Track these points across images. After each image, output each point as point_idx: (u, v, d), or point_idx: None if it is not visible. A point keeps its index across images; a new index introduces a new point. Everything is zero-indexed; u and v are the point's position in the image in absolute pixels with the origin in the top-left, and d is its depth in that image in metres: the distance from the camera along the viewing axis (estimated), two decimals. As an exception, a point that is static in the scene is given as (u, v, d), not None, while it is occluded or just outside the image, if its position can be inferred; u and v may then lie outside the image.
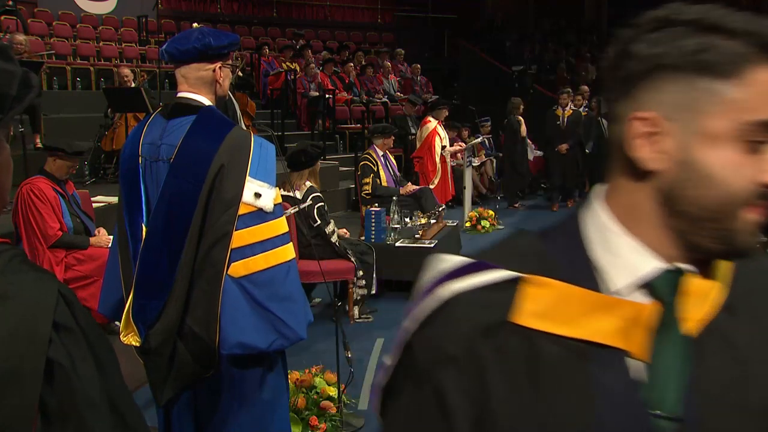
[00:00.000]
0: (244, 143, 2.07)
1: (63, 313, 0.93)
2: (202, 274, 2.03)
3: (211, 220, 2.02)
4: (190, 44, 2.12)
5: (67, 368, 0.91)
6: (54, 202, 4.20)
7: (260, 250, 2.05)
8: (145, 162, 2.16)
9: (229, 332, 2.02)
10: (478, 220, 7.87)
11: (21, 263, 0.95)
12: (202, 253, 2.02)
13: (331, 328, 3.26)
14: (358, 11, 17.11)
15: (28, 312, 0.90)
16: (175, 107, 2.18)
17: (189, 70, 2.15)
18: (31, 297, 0.91)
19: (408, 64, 13.39)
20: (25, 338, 0.89)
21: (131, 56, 11.38)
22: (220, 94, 2.21)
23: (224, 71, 2.19)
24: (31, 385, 0.88)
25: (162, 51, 2.22)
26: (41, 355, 0.89)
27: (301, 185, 4.85)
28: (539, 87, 13.31)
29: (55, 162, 4.31)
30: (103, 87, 9.07)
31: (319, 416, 3.37)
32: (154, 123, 2.19)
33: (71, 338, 0.93)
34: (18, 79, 1.00)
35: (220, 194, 2.01)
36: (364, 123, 10.63)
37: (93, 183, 7.29)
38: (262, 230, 2.06)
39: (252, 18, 15.19)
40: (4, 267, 0.92)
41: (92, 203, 5.08)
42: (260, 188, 2.04)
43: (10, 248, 0.96)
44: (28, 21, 10.56)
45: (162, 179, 2.10)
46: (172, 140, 2.10)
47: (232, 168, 2.03)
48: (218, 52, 2.15)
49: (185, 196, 2.02)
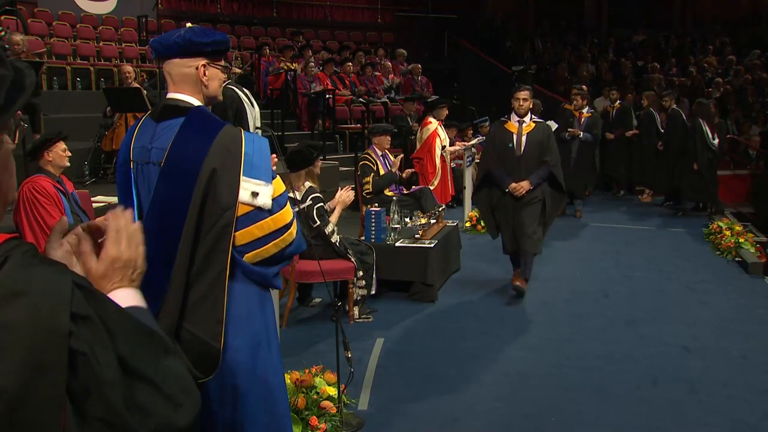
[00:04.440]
0: (236, 143, 2.04)
1: (79, 303, 0.95)
2: (202, 277, 2.01)
3: (208, 225, 2.00)
4: (172, 39, 2.12)
5: (88, 356, 0.93)
6: (56, 197, 4.19)
7: (271, 240, 2.07)
8: (136, 166, 2.13)
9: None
10: (478, 220, 7.87)
11: (33, 258, 0.97)
12: (200, 257, 2.00)
13: (331, 328, 3.26)
14: (358, 11, 17.10)
15: (45, 306, 0.92)
16: (165, 109, 2.15)
17: (171, 66, 2.14)
18: (46, 291, 0.93)
19: (408, 64, 13.38)
20: (47, 332, 0.91)
21: (131, 56, 11.37)
22: (208, 94, 2.17)
23: (210, 71, 2.15)
24: (58, 377, 0.91)
25: (149, 46, 2.22)
26: (64, 347, 0.92)
27: (300, 186, 4.85)
28: (539, 87, 13.31)
29: (50, 153, 4.28)
30: (103, 87, 9.07)
31: (319, 416, 3.37)
32: (145, 126, 2.17)
33: (90, 327, 0.95)
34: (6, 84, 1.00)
35: (216, 198, 1.99)
36: (364, 123, 10.62)
37: (93, 183, 7.30)
38: (268, 224, 2.06)
39: (252, 18, 15.19)
40: (18, 262, 0.94)
41: (92, 203, 5.07)
42: (256, 187, 2.02)
43: (21, 243, 0.98)
44: (28, 21, 10.56)
45: (153, 183, 2.07)
46: (161, 143, 2.07)
47: (225, 170, 2.00)
48: (199, 49, 2.12)
49: (177, 200, 2.00)
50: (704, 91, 12.76)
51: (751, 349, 4.73)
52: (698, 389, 4.08)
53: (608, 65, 14.61)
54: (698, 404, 3.90)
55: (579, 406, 3.83)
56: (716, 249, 7.53)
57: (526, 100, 5.68)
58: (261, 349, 2.15)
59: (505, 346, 4.72)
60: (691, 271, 6.80)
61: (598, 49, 16.08)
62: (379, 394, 3.93)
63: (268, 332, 2.19)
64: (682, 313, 5.51)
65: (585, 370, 4.32)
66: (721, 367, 4.43)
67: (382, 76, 12.62)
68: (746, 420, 3.72)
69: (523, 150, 5.59)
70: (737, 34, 16.13)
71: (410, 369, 4.30)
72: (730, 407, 3.86)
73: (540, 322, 5.27)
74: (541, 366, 4.41)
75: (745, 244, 7.37)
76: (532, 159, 5.58)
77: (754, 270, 6.78)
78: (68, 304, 0.94)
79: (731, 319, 5.39)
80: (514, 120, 5.72)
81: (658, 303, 5.75)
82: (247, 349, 2.11)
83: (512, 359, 4.51)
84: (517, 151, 5.61)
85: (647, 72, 13.63)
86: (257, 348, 2.14)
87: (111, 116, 7.66)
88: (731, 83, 13.18)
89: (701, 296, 6.00)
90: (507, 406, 3.84)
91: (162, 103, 2.20)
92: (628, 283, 6.32)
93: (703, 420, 3.71)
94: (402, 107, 10.71)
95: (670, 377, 4.24)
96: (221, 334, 2.02)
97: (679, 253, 7.47)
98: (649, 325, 5.19)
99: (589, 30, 17.54)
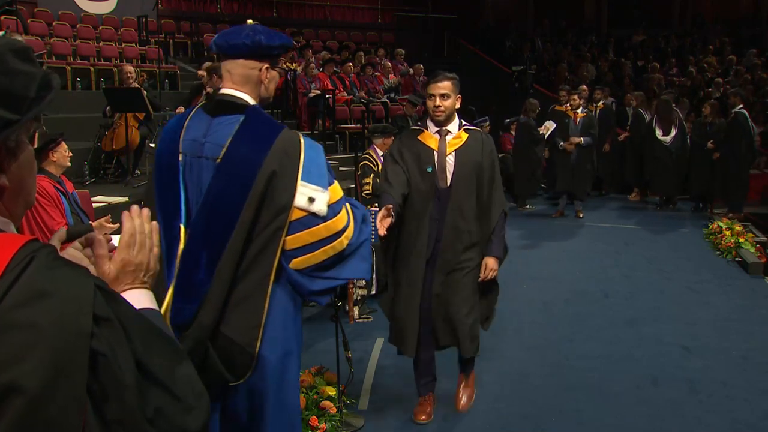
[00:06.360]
0: (294, 147, 2.01)
1: (101, 306, 0.97)
2: (247, 278, 1.99)
3: (261, 226, 1.98)
4: (240, 39, 2.07)
5: (108, 357, 0.95)
6: (57, 198, 4.19)
7: (320, 246, 2.03)
8: (185, 159, 2.06)
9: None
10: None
11: (56, 260, 0.98)
12: (248, 257, 1.98)
13: (331, 328, 3.26)
14: (358, 11, 17.11)
15: (69, 307, 0.93)
16: (220, 104, 2.11)
17: (235, 66, 2.10)
18: (70, 292, 0.95)
19: (408, 64, 13.38)
20: (69, 333, 0.92)
21: (131, 56, 11.36)
22: (264, 96, 2.15)
23: (271, 73, 2.13)
24: (79, 377, 0.92)
25: (212, 42, 2.16)
26: (85, 348, 0.93)
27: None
28: (539, 87, 13.30)
29: (55, 154, 4.29)
30: (103, 87, 9.06)
31: (319, 416, 3.37)
32: (197, 119, 2.10)
33: (110, 329, 0.97)
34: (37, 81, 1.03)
35: (272, 201, 1.97)
36: (364, 123, 10.62)
37: (93, 183, 7.29)
38: (320, 230, 2.02)
39: (252, 18, 15.14)
40: (43, 264, 0.95)
41: (92, 203, 5.07)
42: (314, 192, 1.99)
43: (44, 245, 0.99)
44: (28, 21, 10.56)
45: (204, 177, 2.03)
46: (217, 139, 2.03)
47: (284, 173, 1.97)
48: (268, 52, 2.10)
49: (230, 199, 1.97)
50: (704, 91, 12.76)
51: (751, 349, 4.73)
52: (698, 389, 4.08)
53: (608, 65, 14.60)
54: (698, 404, 3.90)
55: (579, 406, 3.83)
56: (716, 249, 7.53)
57: (447, 96, 3.42)
58: (289, 359, 2.13)
59: (505, 346, 4.72)
60: (691, 271, 6.80)
61: (598, 49, 16.08)
62: (379, 394, 3.93)
63: (297, 342, 2.17)
64: (682, 313, 5.51)
65: (585, 370, 4.32)
66: (721, 367, 4.44)
67: (382, 76, 12.62)
68: (746, 420, 3.72)
69: (451, 179, 3.39)
70: (737, 34, 16.13)
71: (410, 369, 4.29)
72: (730, 407, 3.86)
73: (540, 322, 5.27)
74: (541, 366, 4.41)
75: (745, 244, 7.37)
76: (465, 195, 3.38)
77: (754, 270, 6.78)
78: (91, 305, 0.95)
79: (731, 319, 5.39)
80: (431, 130, 3.48)
81: (658, 303, 5.75)
82: (278, 357, 2.08)
83: (512, 359, 4.51)
84: (441, 181, 3.38)
85: (647, 72, 13.63)
86: (287, 357, 2.12)
87: (111, 116, 7.65)
88: (731, 83, 13.18)
89: (701, 296, 6.00)
90: (507, 406, 3.83)
91: (216, 97, 2.15)
92: (628, 283, 6.32)
93: (703, 420, 3.71)
94: (403, 108, 10.71)
95: (670, 377, 4.24)
96: (258, 339, 2.01)
97: (679, 253, 7.47)
98: (649, 325, 5.19)
99: (589, 30, 17.54)
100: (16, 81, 1.02)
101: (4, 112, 0.99)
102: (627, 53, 15.52)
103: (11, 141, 1.04)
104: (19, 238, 0.98)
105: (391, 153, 3.48)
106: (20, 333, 0.90)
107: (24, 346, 0.90)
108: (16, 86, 1.01)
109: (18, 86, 1.02)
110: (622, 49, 15.95)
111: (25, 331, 0.90)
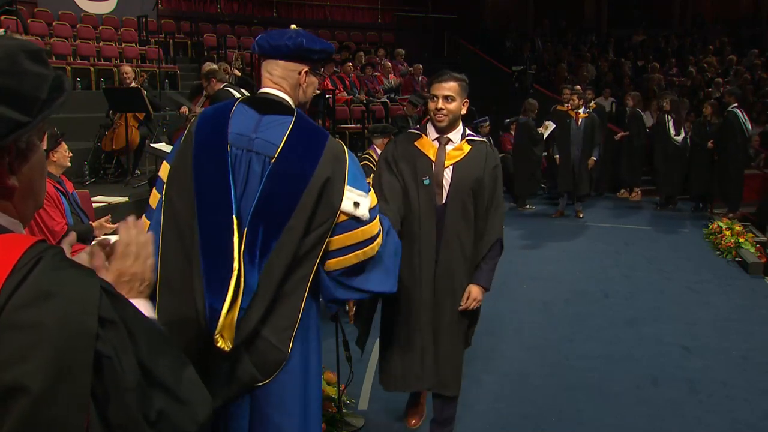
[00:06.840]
0: (342, 153, 2.06)
1: (106, 308, 0.97)
2: (291, 276, 2.01)
3: (312, 228, 2.00)
4: (282, 41, 2.07)
5: (113, 359, 0.95)
6: (57, 199, 4.19)
7: (354, 249, 2.08)
8: (233, 151, 2.03)
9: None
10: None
11: (63, 261, 0.99)
12: (296, 257, 2.00)
13: (331, 328, 3.25)
14: (358, 11, 17.11)
15: (74, 308, 0.94)
16: (265, 101, 2.10)
17: (275, 67, 2.10)
18: (75, 293, 0.95)
19: (408, 64, 13.38)
20: (74, 333, 0.93)
21: (131, 56, 11.37)
22: (302, 100, 2.15)
23: (310, 78, 2.13)
24: (83, 378, 0.93)
25: (254, 42, 2.16)
26: (90, 350, 0.93)
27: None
28: (539, 87, 13.30)
29: (56, 154, 4.29)
30: (103, 87, 9.06)
31: (319, 416, 3.36)
32: (243, 113, 2.07)
33: (114, 331, 0.97)
34: (49, 82, 1.03)
35: (327, 204, 2.00)
36: (364, 123, 10.63)
37: (93, 183, 7.29)
38: (357, 234, 2.07)
39: (252, 18, 15.19)
40: (49, 264, 0.96)
41: (92, 203, 5.07)
42: (359, 197, 2.04)
43: (49, 246, 0.99)
44: (28, 21, 10.57)
45: (252, 171, 2.01)
46: (269, 136, 2.02)
47: (336, 178, 2.02)
48: (308, 56, 2.10)
49: (284, 200, 1.98)
50: (704, 91, 12.76)
51: (751, 349, 4.74)
52: (698, 389, 4.08)
53: (608, 65, 14.60)
54: (698, 404, 3.90)
55: (579, 406, 3.83)
56: (716, 249, 7.54)
57: (452, 99, 2.95)
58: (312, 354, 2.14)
59: (505, 346, 4.72)
60: (691, 271, 6.80)
61: (598, 49, 16.08)
62: (379, 394, 3.93)
63: (318, 345, 2.19)
64: (682, 313, 5.51)
65: (585, 370, 4.32)
66: (721, 367, 4.44)
67: (382, 77, 12.62)
68: (746, 420, 3.72)
69: (447, 194, 3.00)
70: (737, 34, 16.13)
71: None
72: (730, 407, 3.86)
73: (540, 322, 5.27)
74: (541, 366, 4.41)
75: (745, 244, 7.37)
76: (460, 215, 3.00)
77: (754, 270, 6.78)
78: (96, 307, 0.95)
79: (731, 319, 5.39)
80: (431, 136, 3.07)
81: (658, 303, 5.75)
82: (304, 359, 2.10)
83: (512, 359, 4.51)
84: (438, 196, 3.01)
85: (647, 72, 13.63)
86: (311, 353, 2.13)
87: (111, 116, 7.66)
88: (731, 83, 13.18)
89: (701, 296, 6.00)
90: (507, 406, 3.84)
91: (258, 94, 2.15)
92: (628, 283, 6.32)
93: (703, 420, 3.71)
94: (403, 108, 10.71)
95: (670, 377, 4.24)
96: (290, 339, 2.03)
97: (679, 253, 7.48)
98: (649, 325, 5.19)
99: (589, 30, 17.54)
100: (28, 82, 1.01)
101: (15, 114, 0.99)
102: (627, 53, 15.53)
103: (22, 143, 1.04)
104: (28, 239, 0.99)
105: (386, 158, 3.07)
106: (25, 333, 0.90)
107: (28, 346, 0.90)
108: (28, 88, 1.01)
109: (30, 88, 1.01)
110: (622, 49, 15.96)
111: (29, 331, 0.90)
